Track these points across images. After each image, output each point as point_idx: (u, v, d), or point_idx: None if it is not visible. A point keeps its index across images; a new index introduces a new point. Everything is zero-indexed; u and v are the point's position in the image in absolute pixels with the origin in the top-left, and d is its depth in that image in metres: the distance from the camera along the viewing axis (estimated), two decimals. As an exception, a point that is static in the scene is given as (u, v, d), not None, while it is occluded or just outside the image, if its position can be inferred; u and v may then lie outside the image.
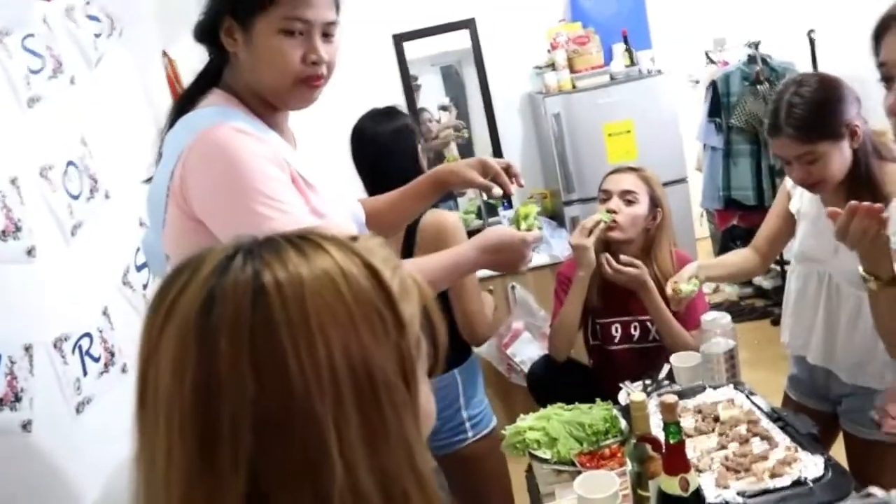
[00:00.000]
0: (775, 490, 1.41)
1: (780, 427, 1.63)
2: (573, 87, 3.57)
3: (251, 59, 1.24)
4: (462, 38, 3.90)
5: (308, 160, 1.37)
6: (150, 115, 2.27)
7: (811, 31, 3.96)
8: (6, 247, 1.54)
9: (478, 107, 4.00)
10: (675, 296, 1.98)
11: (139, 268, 2.05)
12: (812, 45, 3.97)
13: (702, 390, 1.87)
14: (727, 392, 1.84)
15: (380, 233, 1.55)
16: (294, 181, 1.23)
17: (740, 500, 1.40)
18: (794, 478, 1.43)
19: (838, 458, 1.58)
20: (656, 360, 2.15)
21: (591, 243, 2.14)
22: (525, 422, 1.86)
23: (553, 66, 3.64)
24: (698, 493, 1.29)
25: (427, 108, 4.03)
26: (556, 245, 3.45)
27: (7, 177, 1.58)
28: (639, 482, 1.38)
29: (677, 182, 3.51)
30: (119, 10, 2.23)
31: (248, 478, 0.55)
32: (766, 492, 1.41)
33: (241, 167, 1.15)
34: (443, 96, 4.13)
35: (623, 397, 1.93)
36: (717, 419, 1.71)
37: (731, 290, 4.73)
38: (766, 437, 1.60)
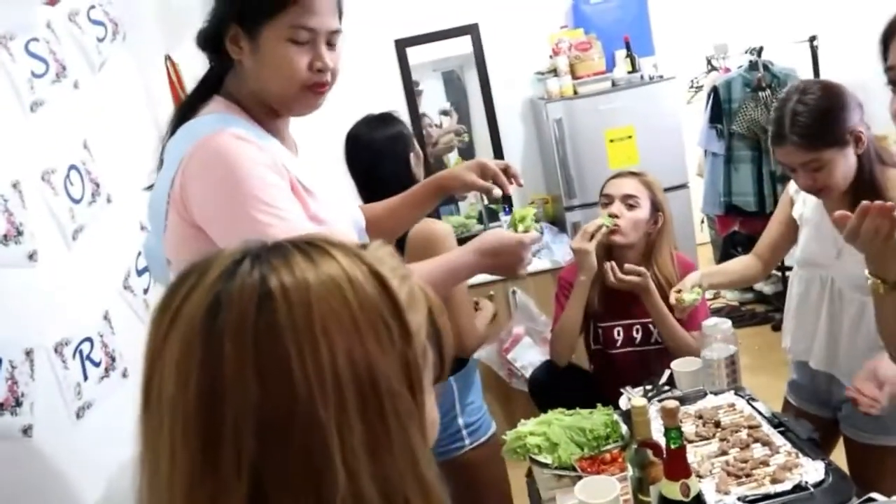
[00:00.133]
0: (776, 495, 1.41)
1: (781, 432, 1.63)
2: (575, 92, 3.57)
3: (257, 67, 1.24)
4: (464, 44, 3.90)
5: (309, 166, 1.38)
6: (152, 120, 2.28)
7: (813, 38, 3.96)
8: (8, 251, 1.54)
9: (479, 112, 4.01)
10: (679, 305, 1.99)
11: (140, 272, 2.05)
12: (814, 51, 3.97)
13: (703, 395, 1.87)
14: (728, 397, 1.84)
15: (378, 239, 1.56)
16: (293, 188, 1.23)
17: (741, 505, 1.40)
18: (795, 483, 1.42)
19: (838, 463, 1.57)
20: (658, 363, 2.15)
21: (592, 247, 2.15)
22: (526, 427, 1.86)
23: (555, 71, 3.64)
24: (699, 498, 1.29)
25: (427, 114, 4.03)
26: (558, 250, 3.45)
27: (9, 181, 1.58)
28: (640, 487, 1.38)
29: (679, 188, 3.51)
30: (122, 14, 2.24)
31: (251, 482, 0.55)
32: (766, 497, 1.41)
33: (240, 174, 1.15)
34: (444, 101, 4.14)
35: (624, 402, 1.92)
36: (717, 424, 1.71)
37: (731, 296, 4.73)
38: (767, 443, 1.60)
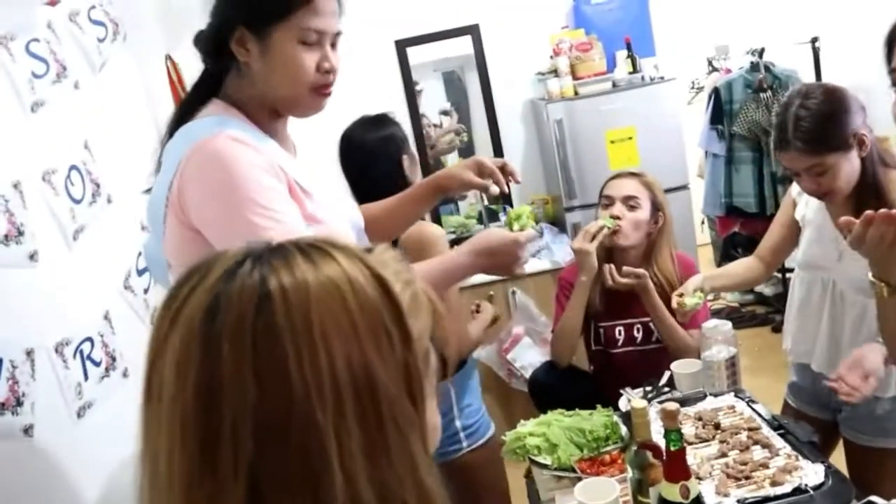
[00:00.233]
0: (776, 498, 1.41)
1: (781, 435, 1.63)
2: (576, 93, 3.57)
3: (266, 69, 1.24)
4: (465, 44, 3.90)
5: (307, 167, 1.38)
6: (152, 120, 2.28)
7: (815, 40, 3.96)
8: (8, 251, 1.54)
9: (480, 112, 4.00)
10: (680, 309, 1.99)
11: (140, 272, 2.05)
12: (816, 53, 3.97)
13: (702, 397, 1.87)
14: (728, 399, 1.84)
15: (377, 239, 1.56)
16: (291, 189, 1.24)
17: (741, 507, 1.40)
18: (795, 485, 1.42)
19: (838, 465, 1.57)
20: (659, 362, 2.16)
21: (593, 248, 2.15)
22: (525, 427, 1.86)
23: (556, 72, 3.64)
24: (699, 500, 1.29)
25: (426, 114, 4.02)
26: (558, 251, 3.45)
27: (10, 181, 1.58)
28: (639, 489, 1.38)
29: (679, 189, 3.51)
30: (123, 14, 2.24)
31: (249, 483, 0.55)
32: (766, 499, 1.41)
33: (237, 178, 1.16)
34: (445, 102, 4.13)
35: (624, 404, 1.93)
36: (717, 426, 1.71)
37: (731, 297, 4.73)
38: (766, 445, 1.60)
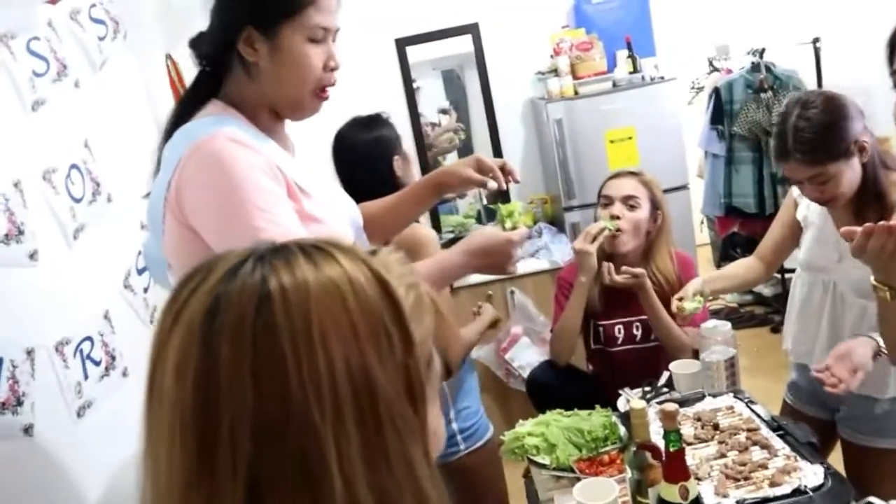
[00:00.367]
0: (775, 499, 1.41)
1: (780, 436, 1.63)
2: (575, 93, 3.57)
3: (275, 67, 1.25)
4: (464, 43, 3.90)
5: (306, 166, 1.38)
6: (153, 119, 2.28)
7: (816, 40, 3.96)
8: (9, 250, 1.54)
9: (479, 111, 4.00)
10: (680, 313, 1.99)
11: (140, 271, 2.05)
12: (817, 53, 3.97)
13: (701, 398, 1.87)
14: (727, 400, 1.84)
15: (376, 238, 1.56)
16: (289, 189, 1.24)
17: (740, 508, 1.40)
18: (794, 486, 1.43)
19: (835, 465, 1.57)
20: (658, 360, 2.18)
21: (594, 249, 2.16)
22: (524, 427, 1.86)
23: (556, 71, 3.64)
24: (698, 501, 1.30)
25: (424, 113, 4.01)
26: (556, 250, 3.45)
27: (10, 180, 1.58)
28: (638, 490, 1.39)
29: (679, 189, 3.51)
30: (123, 12, 2.24)
31: (248, 485, 0.55)
32: (765, 500, 1.41)
33: (234, 179, 1.16)
34: (443, 100, 4.13)
35: (622, 404, 1.93)
36: (716, 427, 1.71)
37: (730, 297, 4.73)
38: (765, 446, 1.60)
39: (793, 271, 2.08)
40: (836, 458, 1.96)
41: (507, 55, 3.91)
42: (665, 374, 2.05)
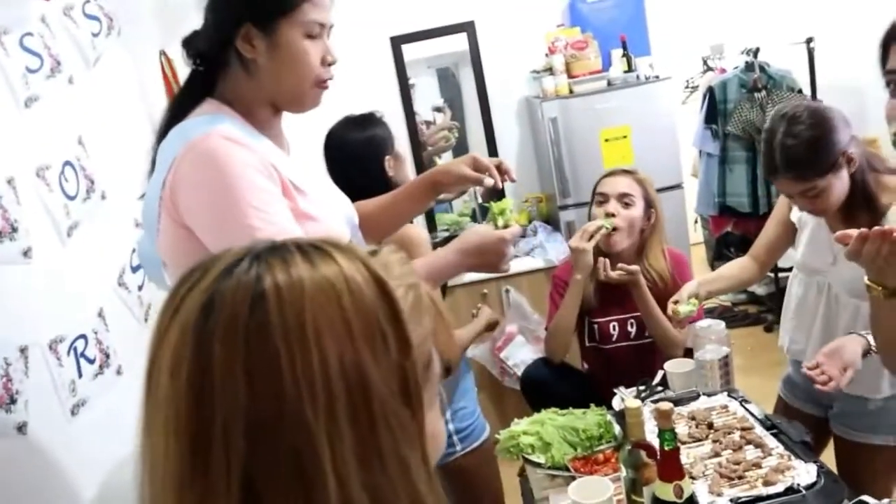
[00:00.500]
0: (768, 497, 1.42)
1: (774, 434, 1.64)
2: (570, 91, 3.57)
3: (273, 64, 1.25)
4: (460, 41, 3.89)
5: (301, 164, 1.38)
6: (147, 116, 2.27)
7: (810, 40, 3.97)
8: (2, 248, 1.54)
9: (474, 110, 4.00)
10: (675, 316, 2.00)
11: (135, 269, 2.04)
12: (810, 53, 3.98)
13: (696, 397, 1.88)
14: (721, 399, 1.85)
15: (372, 237, 1.56)
16: (284, 188, 1.24)
17: (734, 507, 1.41)
18: (787, 485, 1.44)
19: (828, 461, 1.58)
20: (652, 357, 2.19)
21: (590, 247, 2.17)
22: (519, 426, 1.87)
23: (551, 70, 3.64)
24: (692, 499, 1.30)
25: (418, 112, 4.00)
26: (551, 249, 3.45)
27: (4, 177, 1.57)
28: (633, 488, 1.39)
29: (673, 188, 3.52)
30: (117, 9, 2.23)
31: (242, 483, 0.54)
32: (759, 499, 1.42)
33: (229, 178, 1.16)
34: (437, 98, 4.12)
35: (617, 403, 1.93)
36: (711, 426, 1.72)
37: (724, 297, 4.73)
38: (759, 445, 1.61)
39: (786, 270, 2.09)
40: (829, 455, 1.97)
41: (502, 53, 3.91)
42: (659, 373, 2.05)
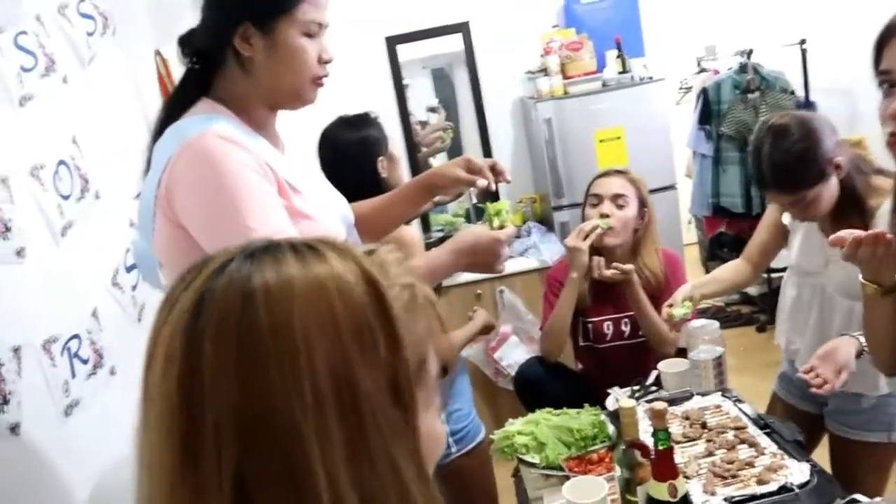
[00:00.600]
0: (762, 496, 1.43)
1: (767, 434, 1.65)
2: (565, 92, 3.58)
3: (271, 63, 1.26)
4: (455, 42, 3.89)
5: (297, 163, 1.38)
6: (142, 116, 2.27)
7: (803, 42, 3.99)
8: (-4, 247, 1.53)
9: (469, 110, 4.00)
10: (670, 320, 2.01)
11: (129, 269, 2.04)
12: (803, 55, 4.00)
13: (689, 397, 1.89)
14: (714, 399, 1.85)
15: (367, 238, 1.56)
16: (280, 187, 1.24)
17: (727, 506, 1.41)
18: (781, 484, 1.44)
19: (823, 458, 1.58)
20: (646, 355, 2.20)
21: (586, 246, 2.18)
22: (514, 426, 1.87)
23: (546, 71, 3.65)
24: (686, 498, 1.30)
25: (413, 112, 4.00)
26: (546, 250, 3.45)
27: (-2, 176, 1.57)
28: (627, 488, 1.39)
29: (667, 189, 3.53)
30: (112, 8, 2.22)
31: (234, 483, 0.54)
32: (752, 498, 1.43)
33: (225, 177, 1.16)
34: (432, 98, 4.12)
35: (611, 403, 1.94)
36: (704, 426, 1.73)
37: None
38: (752, 444, 1.61)
39: (779, 271, 2.10)
40: (822, 452, 1.98)
41: (497, 54, 3.91)
42: (653, 373, 2.06)
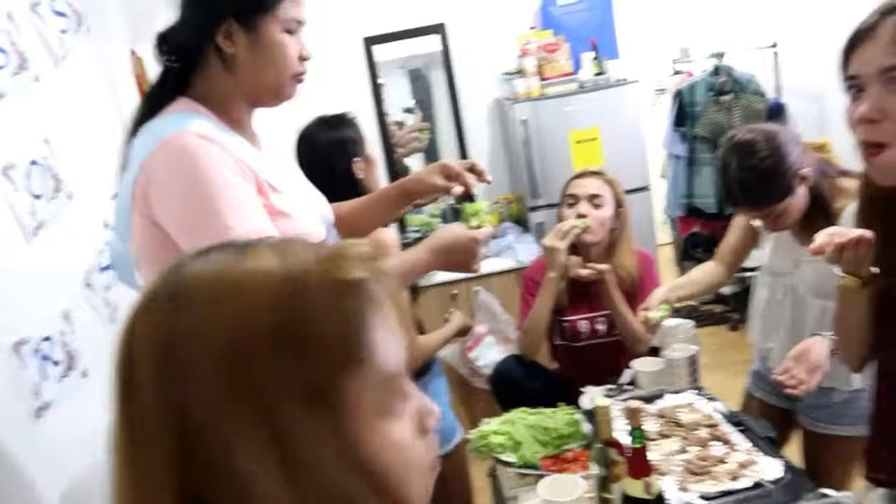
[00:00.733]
0: (735, 492, 1.44)
1: (740, 431, 1.67)
2: (542, 93, 3.60)
3: (254, 60, 1.26)
4: (431, 43, 3.90)
5: (275, 162, 1.38)
6: (116, 115, 2.24)
7: (774, 45, 4.05)
8: (-34, 247, 1.51)
9: (445, 111, 4.01)
10: (647, 323, 2.03)
11: (103, 269, 2.01)
12: (775, 57, 4.07)
13: (663, 395, 1.91)
14: (688, 396, 1.87)
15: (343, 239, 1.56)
16: (258, 184, 1.24)
17: (702, 502, 1.43)
18: (754, 480, 1.46)
19: (795, 452, 1.60)
20: (621, 354, 2.21)
21: (564, 246, 2.19)
22: (490, 426, 1.88)
23: (522, 72, 3.67)
24: (661, 495, 1.32)
25: (389, 112, 4.00)
26: (522, 250, 3.47)
27: (-33, 175, 1.55)
28: (603, 485, 1.41)
29: (641, 189, 3.57)
30: (86, 6, 2.20)
31: (181, 481, 0.54)
32: (726, 493, 1.44)
33: (203, 176, 1.15)
34: (409, 99, 4.12)
35: (586, 402, 1.95)
36: (678, 423, 1.75)
37: (691, 296, 4.80)
38: (725, 441, 1.63)
39: (751, 270, 2.12)
40: (794, 447, 2.02)
41: (473, 55, 3.92)
42: (627, 372, 2.08)
